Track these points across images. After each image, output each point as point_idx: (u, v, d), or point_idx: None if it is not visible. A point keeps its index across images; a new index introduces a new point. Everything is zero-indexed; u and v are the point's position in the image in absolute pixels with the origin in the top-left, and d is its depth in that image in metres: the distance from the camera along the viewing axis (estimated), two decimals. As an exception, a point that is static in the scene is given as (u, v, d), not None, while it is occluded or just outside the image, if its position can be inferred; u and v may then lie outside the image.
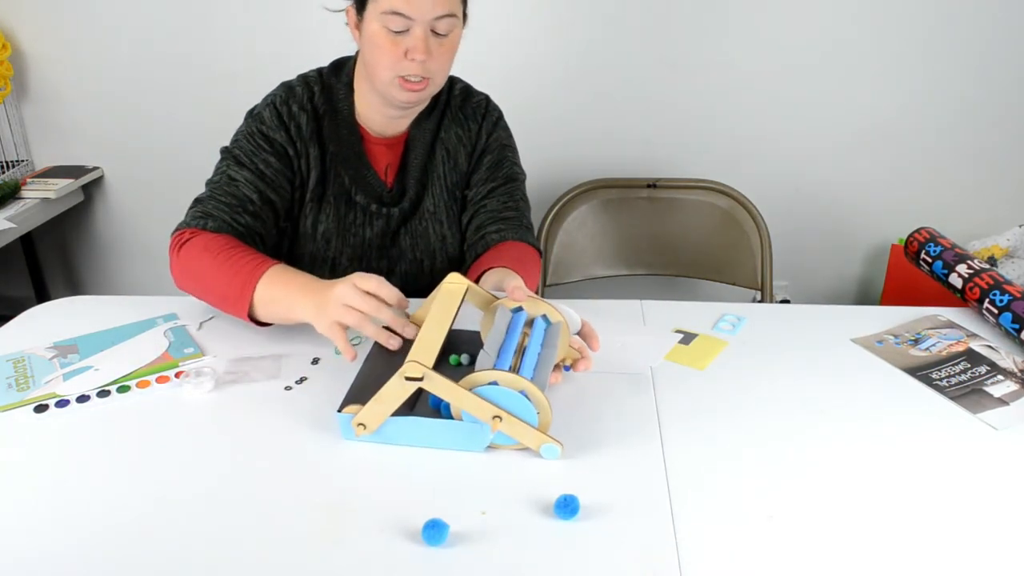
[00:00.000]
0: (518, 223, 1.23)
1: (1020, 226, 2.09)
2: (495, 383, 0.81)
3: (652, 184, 1.82)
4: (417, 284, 1.27)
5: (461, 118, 1.25)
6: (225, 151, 1.18)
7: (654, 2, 2.02)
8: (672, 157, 2.17)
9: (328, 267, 1.23)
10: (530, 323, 0.95)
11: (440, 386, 0.81)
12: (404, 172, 1.23)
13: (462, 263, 1.28)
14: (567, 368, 0.98)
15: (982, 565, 0.69)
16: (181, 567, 0.69)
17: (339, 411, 0.85)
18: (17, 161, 2.30)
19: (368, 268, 1.18)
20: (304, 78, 1.20)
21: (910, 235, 1.26)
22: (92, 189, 2.36)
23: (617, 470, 0.81)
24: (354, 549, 0.71)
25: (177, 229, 1.12)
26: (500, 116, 1.29)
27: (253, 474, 0.81)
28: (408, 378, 0.81)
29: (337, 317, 0.92)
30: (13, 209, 2.10)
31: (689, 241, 1.82)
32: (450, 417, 0.85)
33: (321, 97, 1.19)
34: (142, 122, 2.27)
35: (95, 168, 2.33)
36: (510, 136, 1.30)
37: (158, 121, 2.25)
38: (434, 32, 1.08)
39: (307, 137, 1.17)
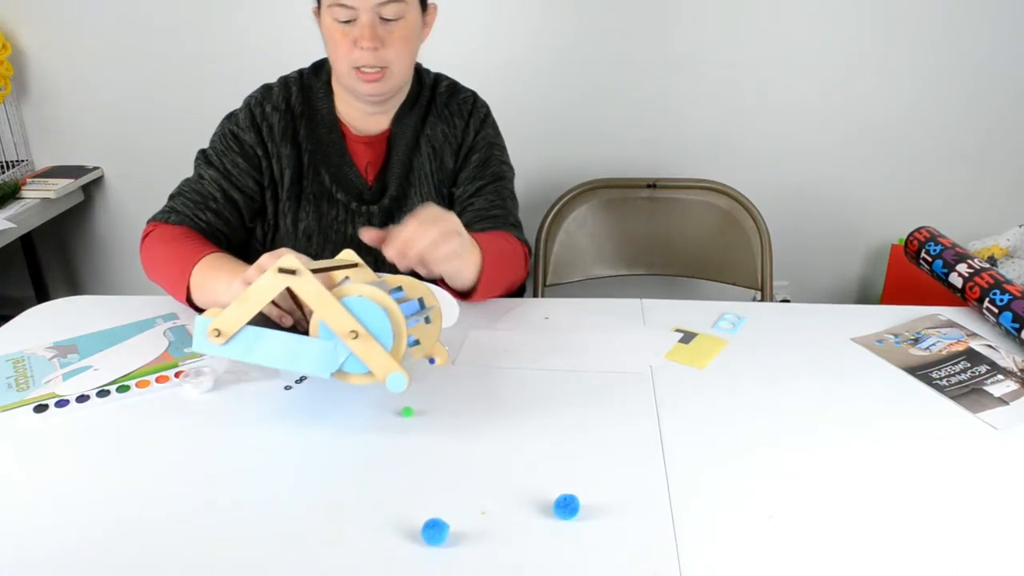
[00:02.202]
0: (504, 220, 1.23)
1: (1020, 226, 2.09)
2: (361, 297, 0.79)
3: (652, 184, 1.82)
4: None
5: (447, 115, 1.25)
6: (201, 151, 1.23)
7: (655, 2, 2.02)
8: (672, 157, 2.17)
9: None
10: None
11: (309, 287, 0.78)
12: (386, 169, 1.23)
13: None
14: (431, 361, 0.95)
15: (982, 565, 0.69)
16: (181, 567, 0.69)
17: (199, 313, 0.83)
18: (17, 161, 2.30)
19: None
20: (284, 79, 1.24)
21: (910, 235, 1.25)
22: (92, 189, 2.37)
23: (617, 470, 0.81)
24: (354, 549, 0.71)
25: (147, 223, 1.18)
26: (488, 113, 1.28)
27: (253, 474, 0.81)
28: (282, 270, 0.78)
29: (248, 277, 0.89)
30: (13, 209, 2.10)
31: (689, 241, 1.82)
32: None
33: (299, 97, 1.22)
34: (142, 122, 2.27)
35: (95, 168, 2.33)
36: (498, 133, 1.29)
37: (158, 121, 2.25)
38: (382, 19, 1.09)
39: (279, 137, 1.20)
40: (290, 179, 1.21)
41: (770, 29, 2.03)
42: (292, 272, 0.79)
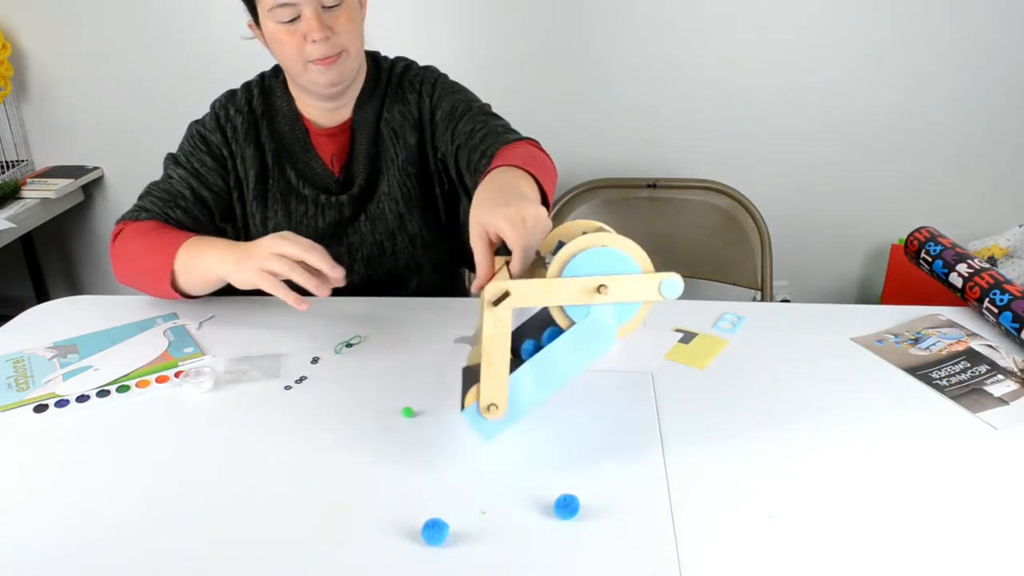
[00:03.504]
0: (505, 131, 1.18)
1: (1020, 226, 2.09)
2: (576, 255, 0.73)
3: (652, 184, 1.82)
4: (379, 267, 1.27)
5: (400, 94, 1.25)
6: (169, 154, 1.24)
7: (655, 2, 2.02)
8: (672, 157, 2.17)
9: None
10: None
11: (529, 290, 0.73)
12: (351, 159, 1.24)
13: (421, 240, 1.27)
14: None
15: (982, 565, 0.69)
16: (180, 567, 0.69)
17: (462, 410, 0.78)
18: (17, 161, 2.31)
19: None
20: (247, 83, 1.27)
21: (910, 234, 1.25)
22: (92, 189, 2.37)
23: (617, 470, 0.81)
24: (354, 549, 0.71)
25: (116, 224, 1.18)
26: (439, 76, 1.27)
27: (252, 474, 0.81)
28: (495, 302, 0.72)
29: (265, 265, 0.94)
30: (13, 209, 2.11)
31: (689, 241, 1.82)
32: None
33: (260, 99, 1.24)
34: (142, 122, 2.27)
35: (95, 168, 2.33)
36: (456, 84, 1.27)
37: (158, 121, 2.25)
38: (324, 7, 1.10)
39: (242, 138, 1.22)
40: (254, 179, 1.22)
41: (770, 29, 2.03)
42: (505, 296, 0.73)
